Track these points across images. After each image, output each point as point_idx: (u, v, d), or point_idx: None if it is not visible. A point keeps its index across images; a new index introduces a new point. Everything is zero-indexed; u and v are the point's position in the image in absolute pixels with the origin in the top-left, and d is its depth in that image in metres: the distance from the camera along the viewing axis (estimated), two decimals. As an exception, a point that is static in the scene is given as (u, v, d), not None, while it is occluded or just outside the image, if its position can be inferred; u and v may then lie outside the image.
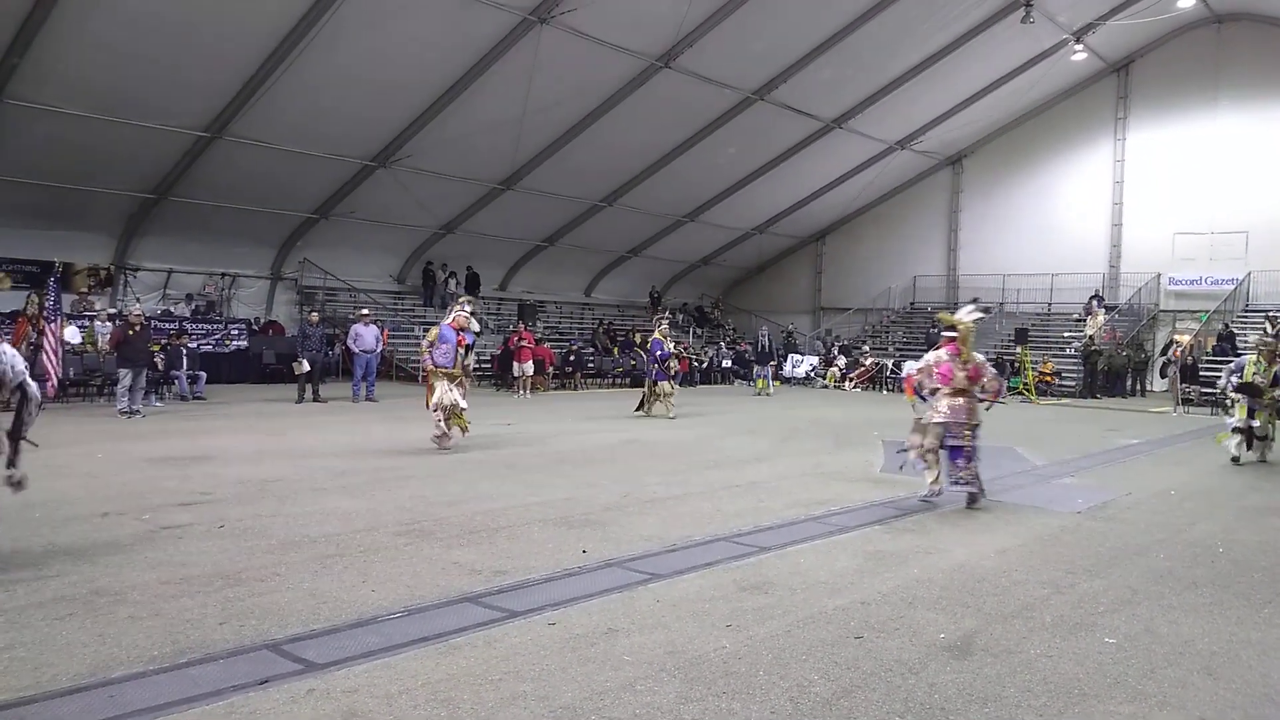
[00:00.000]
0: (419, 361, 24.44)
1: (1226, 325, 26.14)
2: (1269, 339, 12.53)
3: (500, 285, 31.03)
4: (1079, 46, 27.16)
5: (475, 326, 12.37)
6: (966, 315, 9.39)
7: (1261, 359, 12.11)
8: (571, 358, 25.53)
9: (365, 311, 20.18)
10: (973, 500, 8.90)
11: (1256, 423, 11.99)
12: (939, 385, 9.13)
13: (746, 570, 6.33)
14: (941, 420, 9.04)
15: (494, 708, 3.97)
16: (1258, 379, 11.98)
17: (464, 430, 12.10)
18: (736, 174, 29.33)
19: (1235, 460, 12.07)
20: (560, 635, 4.89)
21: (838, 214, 35.21)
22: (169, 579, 5.71)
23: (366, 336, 19.12)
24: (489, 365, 24.75)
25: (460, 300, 12.81)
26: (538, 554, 6.55)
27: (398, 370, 24.61)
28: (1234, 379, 12.45)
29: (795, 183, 31.12)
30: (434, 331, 12.14)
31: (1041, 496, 9.81)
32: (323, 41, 18.24)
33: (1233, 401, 12.35)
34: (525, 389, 21.61)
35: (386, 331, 21.14)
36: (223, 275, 24.45)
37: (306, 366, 18.04)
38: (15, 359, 6.09)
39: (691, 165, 27.42)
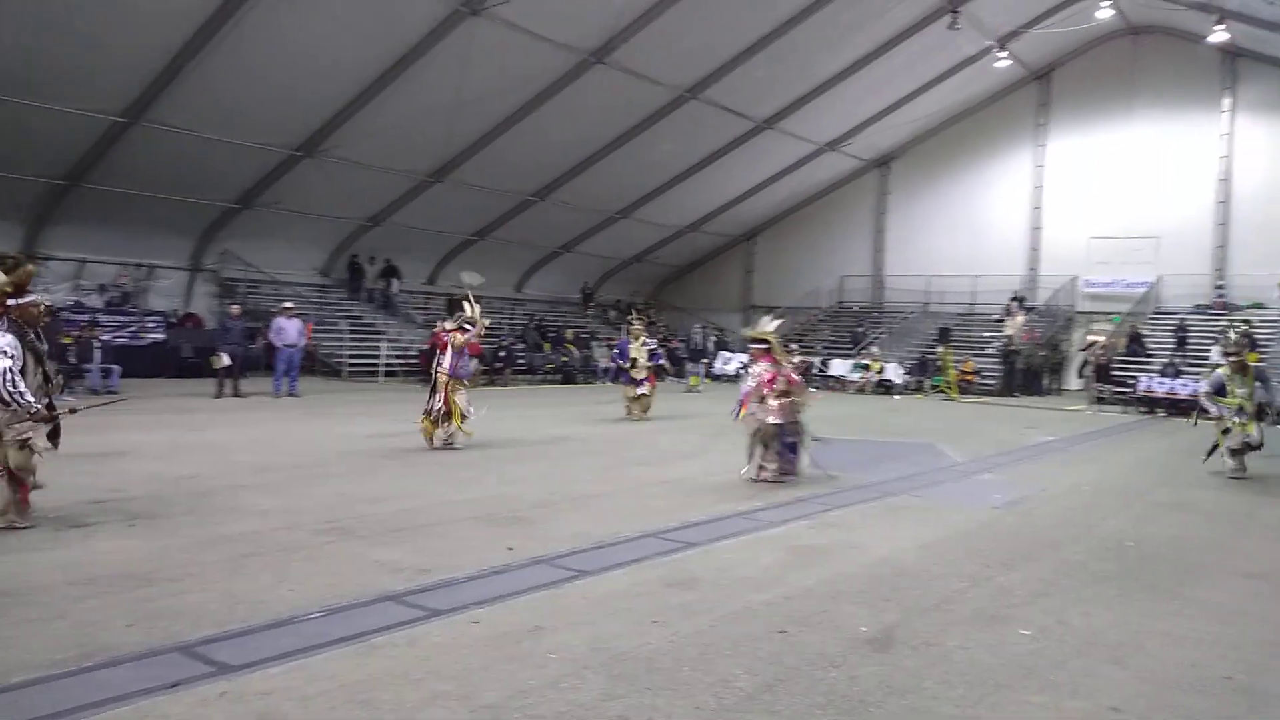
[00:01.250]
0: (338, 356, 24.01)
1: (1133, 327, 27.10)
2: (1233, 350, 11.60)
3: (429, 279, 30.61)
4: (1002, 54, 27.86)
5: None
6: (769, 326, 10.28)
7: (1234, 371, 11.35)
8: (501, 354, 25.30)
9: (288, 304, 19.71)
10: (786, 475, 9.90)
11: (1252, 435, 11.12)
12: (765, 392, 9.84)
13: (673, 566, 6.34)
14: (777, 422, 9.76)
15: (414, 708, 3.91)
16: (1242, 393, 11.17)
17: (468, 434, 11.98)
18: (669, 172, 29.41)
19: (1238, 475, 11.16)
20: (484, 634, 4.84)
21: (769, 213, 35.58)
22: (75, 579, 5.49)
23: (289, 330, 18.68)
24: (415, 361, 24.40)
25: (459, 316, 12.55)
26: (463, 552, 6.47)
27: (321, 365, 24.11)
28: (1207, 393, 11.78)
29: (727, 182, 31.34)
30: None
31: (961, 492, 10.03)
32: (247, 26, 17.73)
33: (1228, 426, 11.30)
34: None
35: (310, 325, 20.67)
36: (139, 266, 23.61)
37: (226, 360, 17.54)
38: None
39: (625, 162, 27.40)
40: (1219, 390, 11.45)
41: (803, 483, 9.83)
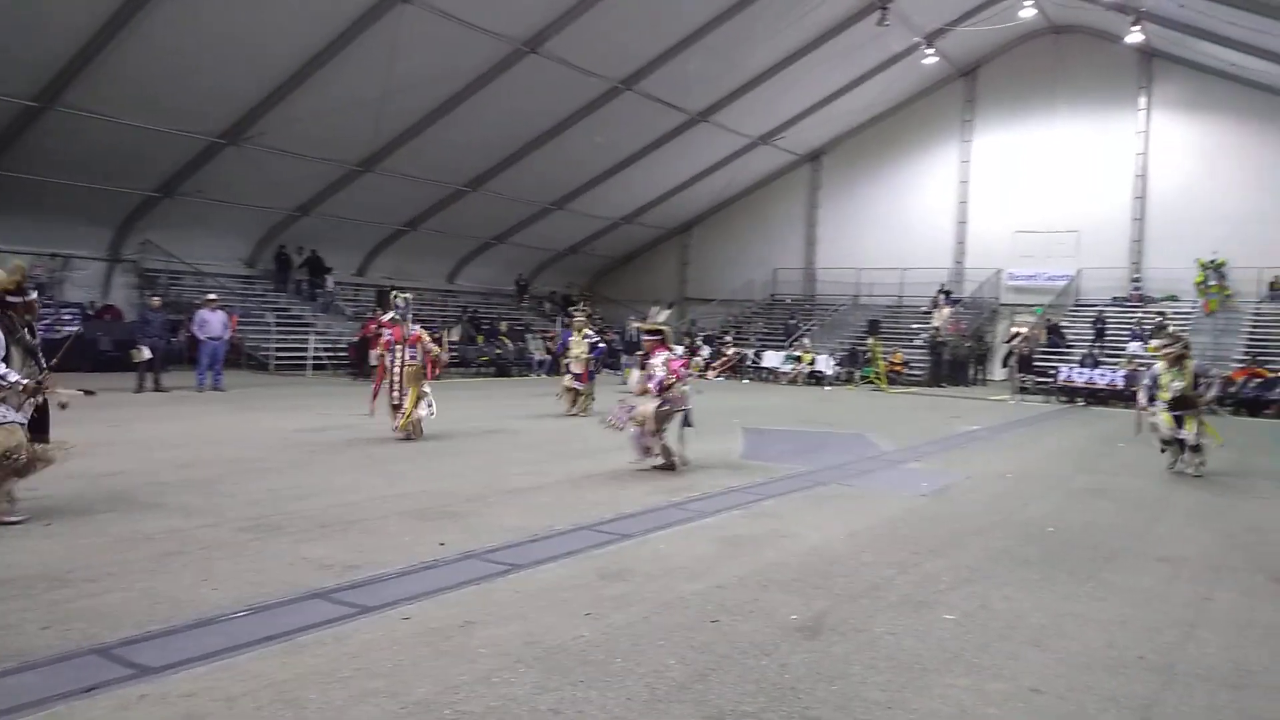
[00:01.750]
0: (264, 350, 23.48)
1: (1049, 319, 27.90)
2: (1169, 343, 11.48)
3: (358, 270, 30.08)
4: (930, 50, 28.41)
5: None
6: (660, 317, 10.51)
7: (1170, 365, 11.12)
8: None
9: (212, 296, 19.19)
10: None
11: (1186, 432, 10.92)
12: (674, 378, 9.89)
13: (607, 558, 6.34)
14: (671, 409, 9.90)
15: (343, 706, 3.84)
16: (1176, 385, 10.96)
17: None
18: (604, 163, 29.37)
19: (1172, 468, 11.20)
20: (414, 629, 4.78)
21: (703, 206, 35.78)
22: (-14, 582, 5.28)
23: (213, 323, 18.18)
24: (345, 354, 24.00)
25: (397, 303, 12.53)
26: (393, 548, 6.38)
27: (248, 358, 23.55)
28: (1150, 391, 11.49)
29: (662, 174, 31.41)
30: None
31: (889, 480, 10.23)
32: (168, 8, 17.24)
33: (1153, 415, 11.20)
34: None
35: (235, 318, 20.14)
36: (54, 256, 22.75)
37: (147, 354, 17.01)
38: None
39: (559, 153, 27.27)
40: (1156, 384, 11.25)
41: (697, 469, 10.02)
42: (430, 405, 11.95)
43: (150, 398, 16.47)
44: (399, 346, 12.01)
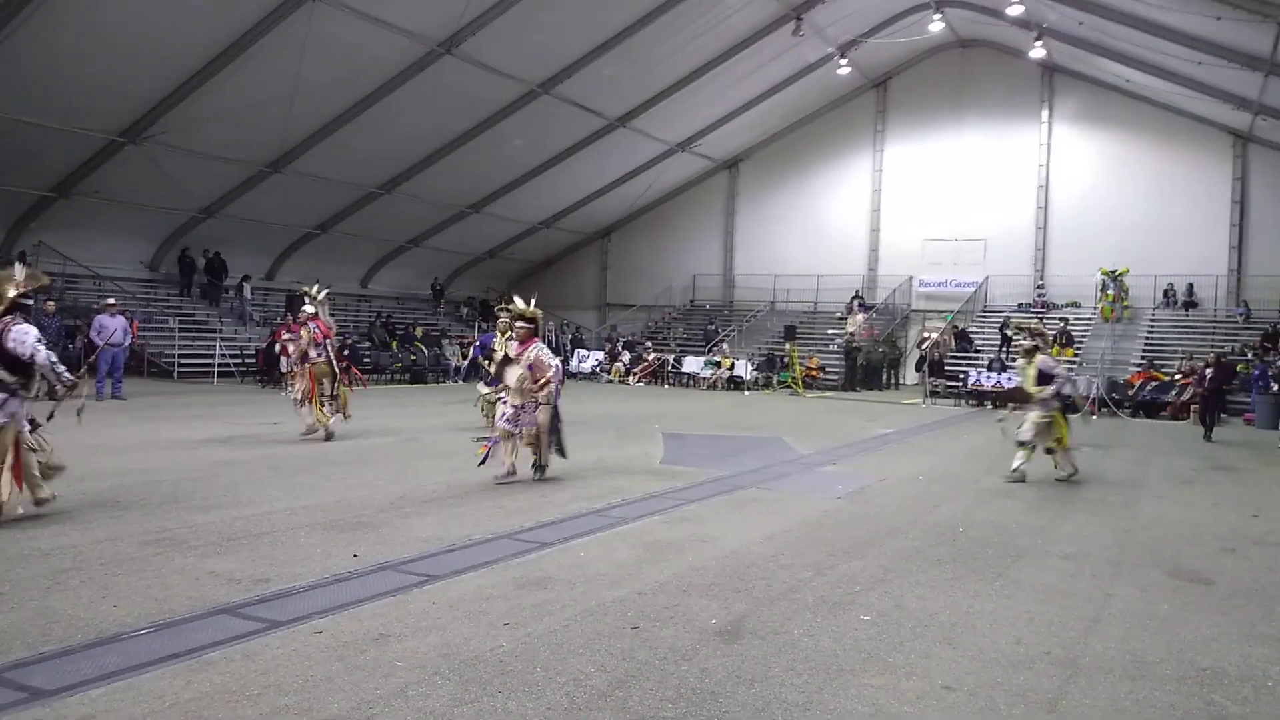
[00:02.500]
0: (167, 356, 22.67)
1: (956, 325, 28.75)
2: (1024, 339, 11.44)
3: (267, 274, 29.23)
4: (843, 61, 28.99)
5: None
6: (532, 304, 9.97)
7: (1022, 357, 11.41)
8: (346, 352, 24.40)
9: (112, 301, 18.45)
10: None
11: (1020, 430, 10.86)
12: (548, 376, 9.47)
13: (527, 567, 6.28)
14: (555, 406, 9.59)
15: (251, 726, 3.71)
16: (1018, 380, 11.31)
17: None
18: (522, 167, 29.17)
19: (1020, 479, 10.69)
20: (327, 644, 4.65)
21: (622, 212, 35.83)
22: None
23: (113, 328, 17.48)
24: (254, 360, 23.31)
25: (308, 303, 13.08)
26: (304, 560, 6.20)
27: (150, 365, 22.69)
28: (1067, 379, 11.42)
29: (581, 179, 31.37)
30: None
31: (806, 483, 10.37)
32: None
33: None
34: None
35: (136, 323, 19.41)
36: (-62, 258, 21.64)
37: (42, 361, 16.23)
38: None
39: (476, 156, 26.99)
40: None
41: (618, 473, 9.92)
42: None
43: (44, 407, 15.70)
44: (326, 342, 12.50)
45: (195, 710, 3.83)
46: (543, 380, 9.39)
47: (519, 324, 9.67)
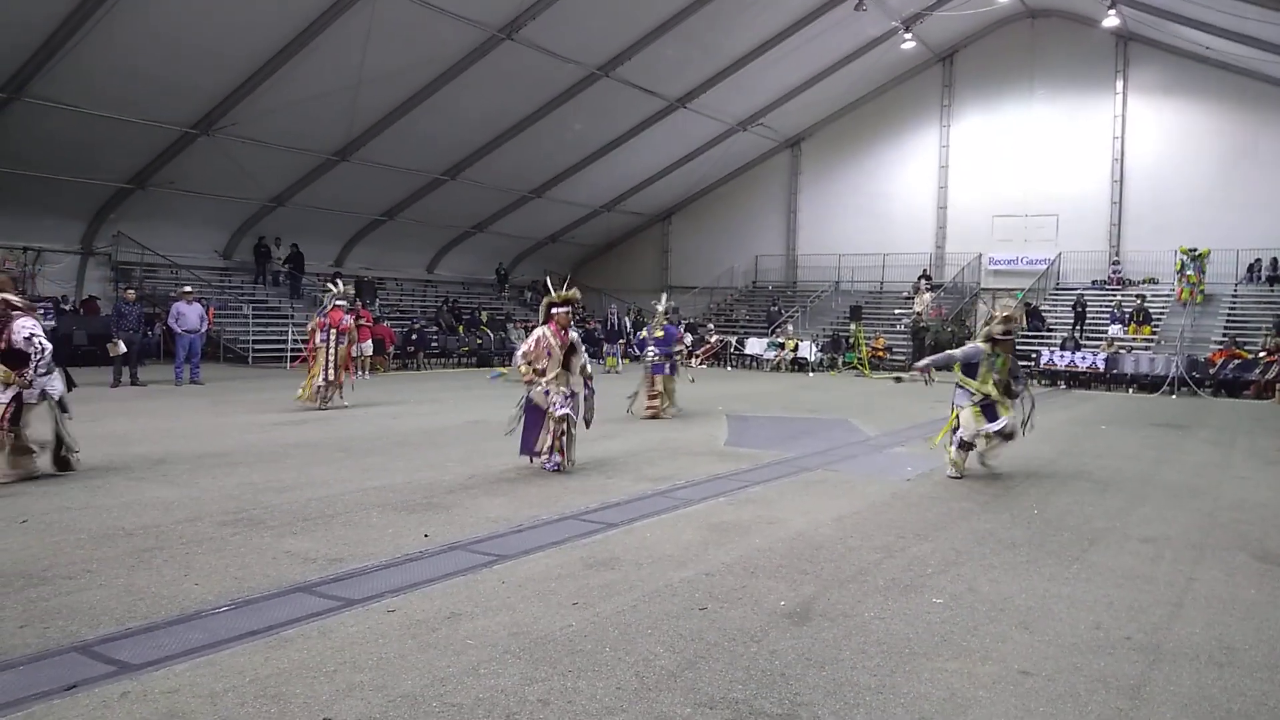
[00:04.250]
0: (242, 342, 23.29)
1: (1029, 304, 28.02)
2: (1003, 326, 9.61)
3: (336, 261, 29.82)
4: (908, 35, 28.36)
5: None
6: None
7: (994, 352, 9.47)
8: (414, 337, 24.84)
9: (188, 289, 18.98)
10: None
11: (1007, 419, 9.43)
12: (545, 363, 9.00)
13: (594, 547, 6.30)
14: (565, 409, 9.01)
15: (328, 700, 3.79)
16: (995, 377, 9.41)
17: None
18: (583, 150, 29.21)
19: (959, 476, 9.40)
20: (400, 622, 4.73)
21: (683, 193, 35.68)
22: (-41, 581, 5.18)
23: (190, 315, 17.99)
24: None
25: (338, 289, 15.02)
26: (376, 540, 6.32)
27: (225, 351, 23.32)
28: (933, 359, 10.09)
29: (642, 161, 31.29)
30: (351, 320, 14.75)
31: (874, 465, 10.23)
32: (135, -3, 16.95)
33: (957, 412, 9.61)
34: (364, 370, 20.87)
35: (212, 310, 19.95)
36: (25, 250, 22.42)
37: (123, 348, 16.80)
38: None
39: (537, 140, 27.10)
40: (968, 367, 9.53)
41: (683, 455, 9.77)
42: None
43: (126, 392, 16.28)
44: (331, 331, 14.14)
45: (274, 686, 3.92)
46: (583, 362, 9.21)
47: (557, 310, 9.15)
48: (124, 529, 6.42)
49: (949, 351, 10.14)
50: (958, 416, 9.58)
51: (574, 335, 9.30)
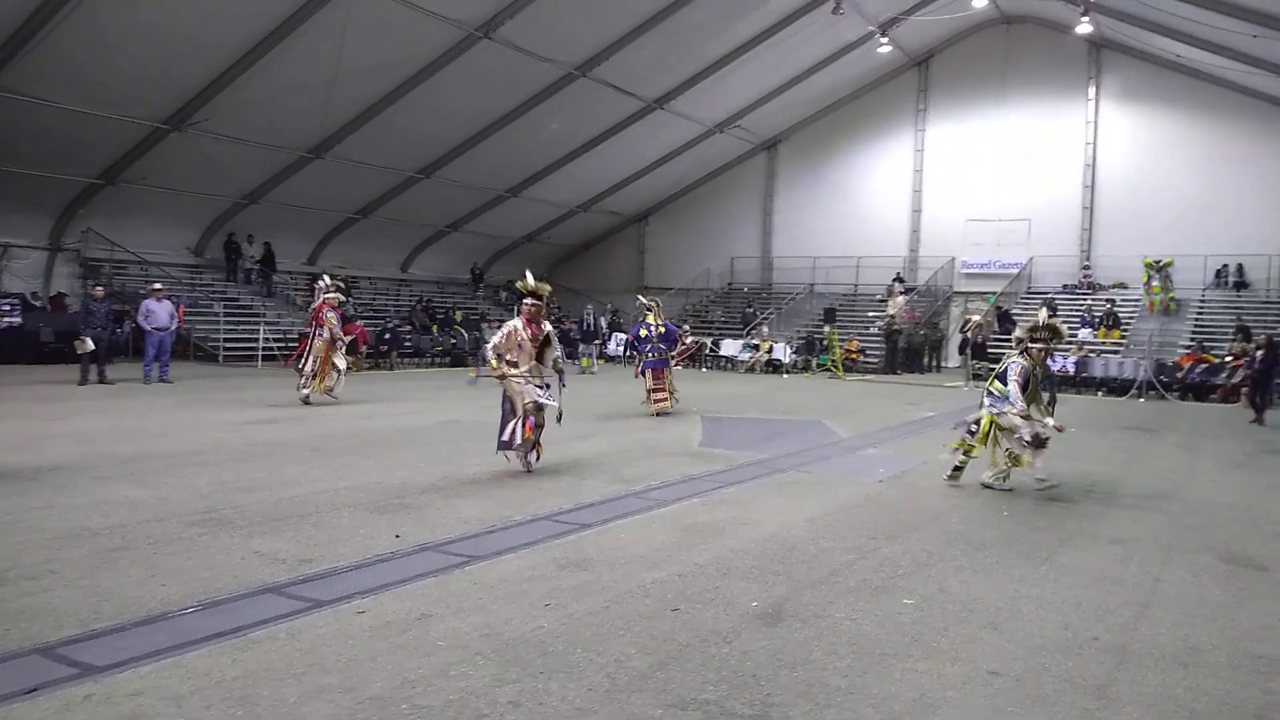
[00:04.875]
0: (213, 340, 23.05)
1: (1000, 307, 28.30)
2: (1043, 336, 8.92)
3: (309, 259, 29.58)
4: (884, 39, 28.56)
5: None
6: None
7: (1037, 365, 8.92)
8: (387, 336, 24.68)
9: (158, 286, 18.76)
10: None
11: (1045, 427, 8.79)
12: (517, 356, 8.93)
13: (566, 548, 6.29)
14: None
15: (296, 703, 3.75)
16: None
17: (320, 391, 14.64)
18: (560, 150, 29.15)
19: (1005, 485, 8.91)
20: (370, 623, 4.69)
21: (660, 194, 35.71)
22: (-82, 582, 5.09)
23: (159, 313, 17.77)
24: (296, 344, 23.55)
25: (324, 284, 15.43)
26: (347, 540, 6.26)
27: (196, 349, 23.06)
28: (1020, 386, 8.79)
29: (619, 161, 31.28)
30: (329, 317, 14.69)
31: (847, 467, 10.28)
32: (107, -10, 16.74)
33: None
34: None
35: (183, 308, 19.71)
36: (-8, 245, 22.11)
37: (90, 345, 16.57)
38: None
39: (514, 139, 27.01)
40: (1025, 385, 8.78)
41: (659, 456, 9.77)
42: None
43: (94, 390, 16.06)
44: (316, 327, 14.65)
45: (241, 688, 3.87)
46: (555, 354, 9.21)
47: (527, 301, 9.01)
48: (90, 529, 6.33)
49: (1011, 389, 8.74)
50: (993, 422, 8.86)
51: (547, 327, 9.25)
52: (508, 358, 8.90)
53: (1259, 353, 17.90)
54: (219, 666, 4.08)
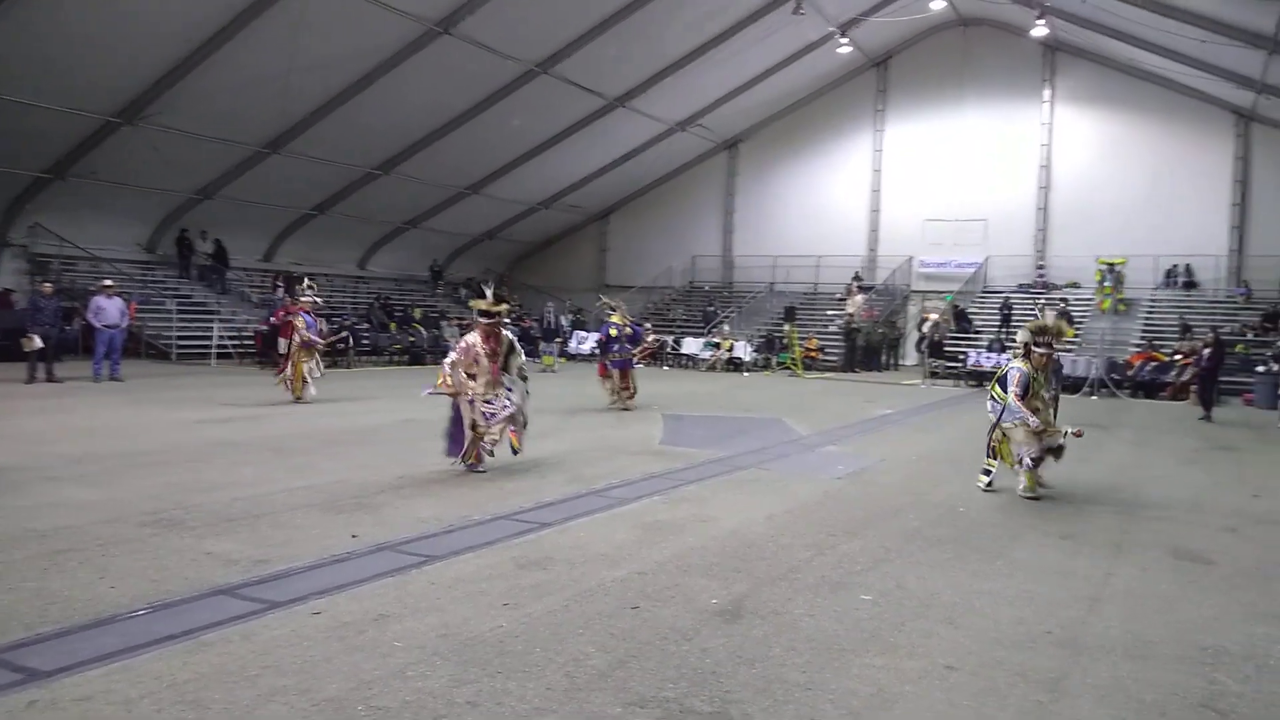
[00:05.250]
0: (165, 338, 22.69)
1: (956, 306, 28.68)
2: (1046, 335, 8.60)
3: (264, 256, 29.15)
4: (844, 40, 28.77)
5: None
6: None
7: (1040, 368, 8.59)
8: (345, 334, 24.37)
9: (108, 282, 18.38)
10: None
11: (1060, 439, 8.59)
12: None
13: (526, 547, 6.26)
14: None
15: (249, 706, 3.69)
16: (1045, 395, 8.81)
17: (297, 395, 14.69)
18: (521, 147, 29.00)
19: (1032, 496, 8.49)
20: (325, 624, 4.63)
21: (622, 192, 35.69)
22: None
23: (110, 310, 17.42)
24: (252, 342, 23.24)
25: (303, 285, 15.65)
26: (303, 541, 6.18)
27: (148, 347, 22.63)
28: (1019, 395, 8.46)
29: (580, 159, 31.19)
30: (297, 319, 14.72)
31: (806, 464, 10.35)
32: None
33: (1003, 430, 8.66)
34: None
35: (134, 305, 19.33)
36: (-67, 240, 21.54)
37: (38, 343, 16.20)
38: None
39: (475, 136, 26.83)
40: (1025, 392, 8.47)
41: (620, 454, 9.80)
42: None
43: (42, 389, 15.71)
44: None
45: (192, 692, 3.80)
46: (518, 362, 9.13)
47: (482, 320, 8.99)
48: (37, 530, 6.18)
49: (1012, 401, 8.48)
50: (1005, 434, 8.61)
51: (509, 335, 9.19)
52: (468, 373, 8.82)
53: (1206, 351, 18.32)
54: (170, 669, 4.01)
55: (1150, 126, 28.35)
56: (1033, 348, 8.61)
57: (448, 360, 9.04)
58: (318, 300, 15.92)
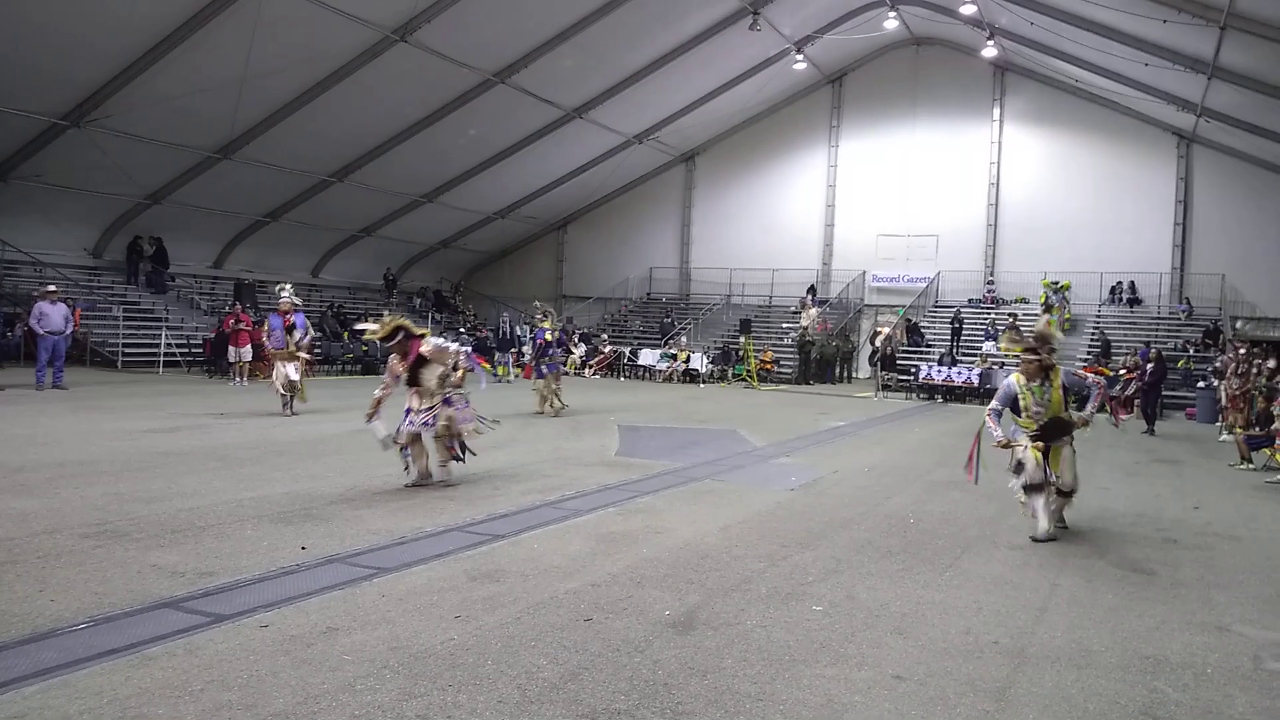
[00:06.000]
0: (111, 345, 22.22)
1: (909, 320, 29.08)
2: (1030, 346, 7.80)
3: (215, 263, 28.69)
4: (800, 56, 29.14)
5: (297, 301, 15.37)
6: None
7: (1031, 378, 7.77)
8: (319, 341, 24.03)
9: (52, 288, 17.94)
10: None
11: (1056, 475, 7.68)
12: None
13: (478, 559, 6.22)
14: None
15: (193, 722, 3.62)
16: (1038, 409, 7.76)
17: (303, 400, 14.67)
18: (478, 156, 28.91)
19: (1046, 537, 7.47)
20: (273, 638, 4.56)
21: (579, 203, 35.71)
22: None
23: (54, 316, 17.01)
24: (201, 350, 22.84)
25: (281, 287, 15.76)
26: (250, 553, 6.08)
27: (93, 354, 22.13)
28: (995, 418, 7.92)
29: (538, 169, 31.16)
30: (266, 322, 15.04)
31: (760, 475, 10.41)
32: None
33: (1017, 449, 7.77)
34: (243, 376, 20.11)
35: (79, 311, 18.91)
36: None
37: (-22, 349, 15.78)
38: None
39: (430, 144, 26.68)
40: (1011, 406, 7.89)
41: (575, 465, 9.82)
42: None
43: None
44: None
45: (135, 707, 3.72)
46: (455, 364, 8.86)
47: (387, 343, 8.99)
48: (-28, 542, 6.02)
49: (987, 421, 7.99)
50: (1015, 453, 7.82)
51: (424, 349, 8.78)
52: (386, 393, 8.85)
53: (1149, 366, 18.76)
54: (111, 685, 3.92)
55: (1096, 147, 29.05)
56: (1022, 357, 7.79)
57: (377, 389, 8.90)
58: (296, 301, 15.29)
